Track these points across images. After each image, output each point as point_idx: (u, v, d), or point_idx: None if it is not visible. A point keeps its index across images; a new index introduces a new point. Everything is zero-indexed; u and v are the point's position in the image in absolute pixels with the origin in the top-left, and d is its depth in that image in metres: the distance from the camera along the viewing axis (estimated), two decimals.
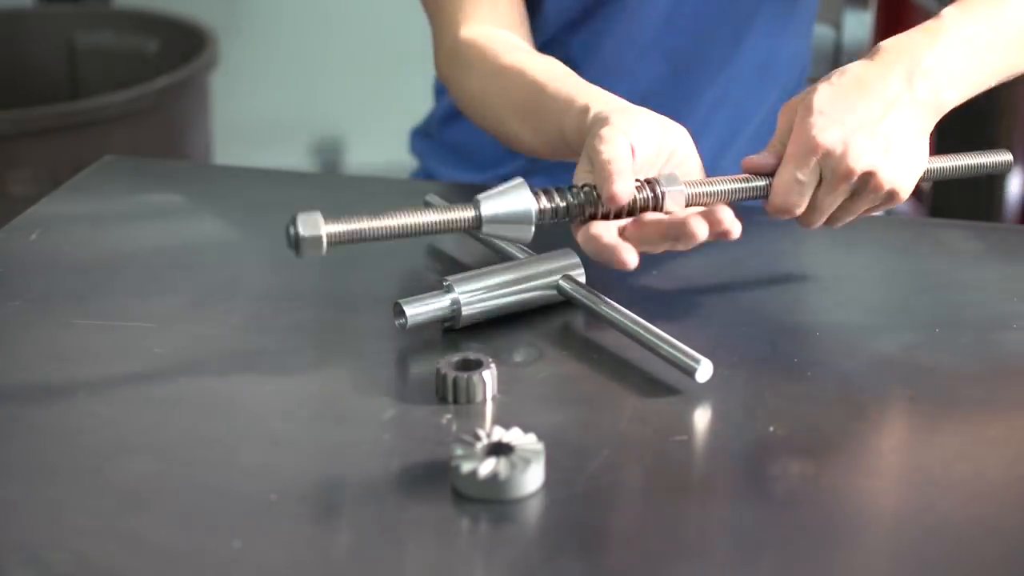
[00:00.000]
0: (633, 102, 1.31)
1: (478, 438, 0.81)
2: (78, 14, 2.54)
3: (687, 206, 0.96)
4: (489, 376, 0.89)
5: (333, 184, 1.51)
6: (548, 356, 0.96)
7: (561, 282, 0.99)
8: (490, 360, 0.90)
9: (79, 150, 2.04)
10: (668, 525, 0.79)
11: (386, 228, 0.89)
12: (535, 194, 0.93)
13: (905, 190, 0.98)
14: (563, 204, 0.94)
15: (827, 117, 0.95)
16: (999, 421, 0.91)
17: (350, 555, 0.76)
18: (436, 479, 0.81)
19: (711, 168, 1.34)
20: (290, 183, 1.29)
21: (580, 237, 0.93)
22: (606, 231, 0.92)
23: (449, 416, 0.88)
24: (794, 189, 0.96)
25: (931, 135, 1.00)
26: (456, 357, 0.90)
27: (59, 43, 2.51)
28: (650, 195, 0.95)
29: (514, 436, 0.82)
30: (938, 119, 1.00)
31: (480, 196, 0.92)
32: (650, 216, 0.93)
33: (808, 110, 0.95)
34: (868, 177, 0.95)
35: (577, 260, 1.01)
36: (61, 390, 0.91)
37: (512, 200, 0.92)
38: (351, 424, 0.87)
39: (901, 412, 0.92)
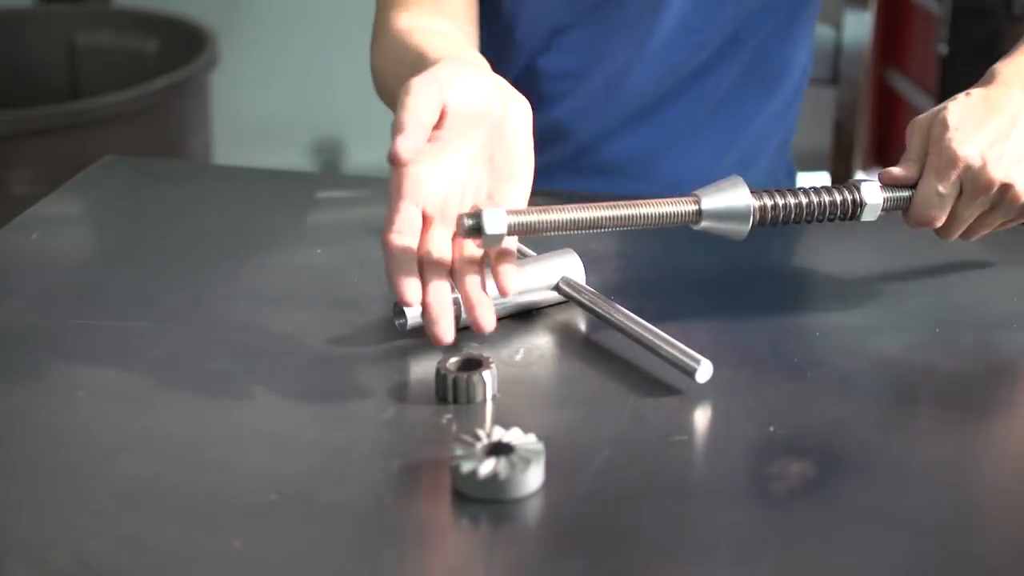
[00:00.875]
0: (631, 107, 1.31)
1: (478, 438, 0.81)
2: (78, 14, 2.54)
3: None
4: (489, 376, 0.89)
5: (333, 184, 1.51)
6: (548, 356, 0.96)
7: (561, 283, 0.99)
8: (490, 360, 0.90)
9: (79, 150, 2.04)
10: (668, 525, 0.79)
11: (606, 218, 0.91)
12: (755, 193, 0.96)
13: None
14: (782, 202, 0.97)
15: (963, 132, 0.97)
16: (999, 421, 0.91)
17: (350, 555, 0.76)
18: (436, 479, 0.81)
19: (709, 172, 1.34)
20: (290, 183, 1.29)
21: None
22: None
23: (449, 416, 0.88)
24: (935, 202, 0.99)
25: None
26: (456, 357, 0.90)
27: (59, 43, 2.52)
28: (849, 198, 0.99)
29: (514, 436, 0.82)
30: None
31: (699, 191, 0.94)
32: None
33: (944, 126, 0.98)
34: (1006, 189, 0.98)
35: (577, 260, 1.01)
36: (61, 390, 0.91)
37: (731, 196, 0.94)
38: (351, 424, 0.87)
39: (901, 412, 0.92)
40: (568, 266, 1.00)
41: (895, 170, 1.01)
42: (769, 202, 0.97)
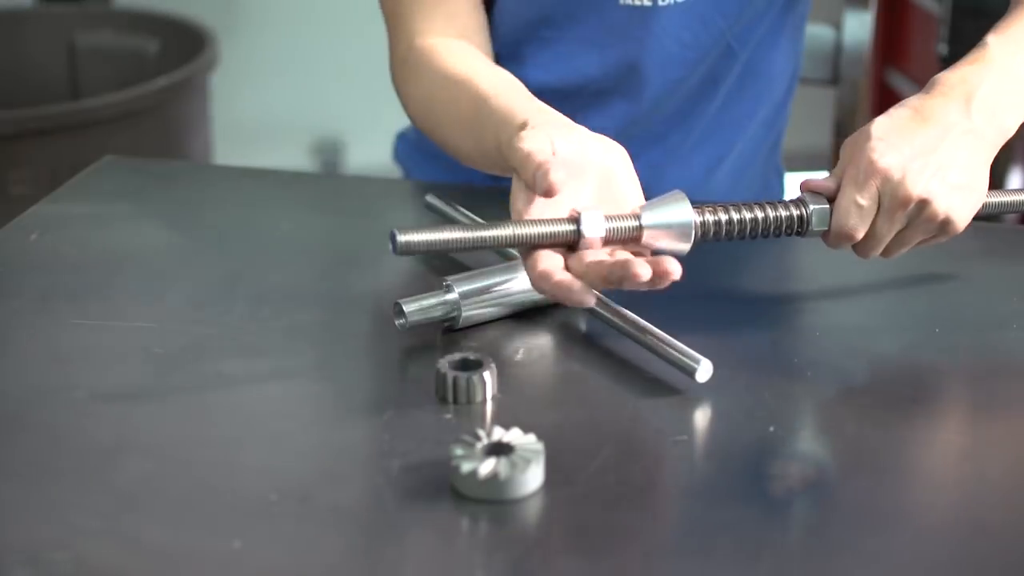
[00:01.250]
0: (631, 124, 1.30)
1: (478, 438, 0.81)
2: (78, 14, 2.54)
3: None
4: (489, 376, 0.89)
5: (333, 184, 1.51)
6: (548, 356, 0.96)
7: None
8: (490, 360, 0.90)
9: (79, 150, 2.04)
10: (668, 525, 0.79)
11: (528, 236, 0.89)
12: (697, 209, 0.93)
13: (961, 220, 0.96)
14: (726, 218, 0.94)
15: (885, 143, 0.94)
16: (999, 421, 0.91)
17: (350, 555, 0.76)
18: (436, 479, 0.81)
19: (704, 183, 1.34)
20: (290, 183, 1.29)
21: (531, 276, 0.89)
22: (556, 267, 0.88)
23: (449, 416, 0.88)
24: (854, 213, 0.95)
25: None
26: (456, 357, 0.90)
27: (59, 43, 2.51)
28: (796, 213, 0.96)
29: (514, 436, 0.82)
30: (999, 148, 0.99)
31: (640, 207, 0.91)
32: (592, 255, 0.89)
33: (867, 137, 0.95)
34: (924, 204, 0.95)
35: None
36: (61, 390, 0.91)
37: (673, 211, 0.91)
38: (351, 424, 0.87)
39: (901, 412, 0.92)
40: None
41: (816, 180, 0.98)
42: (711, 218, 0.94)
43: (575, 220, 0.89)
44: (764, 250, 1.12)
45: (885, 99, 2.94)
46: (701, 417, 0.89)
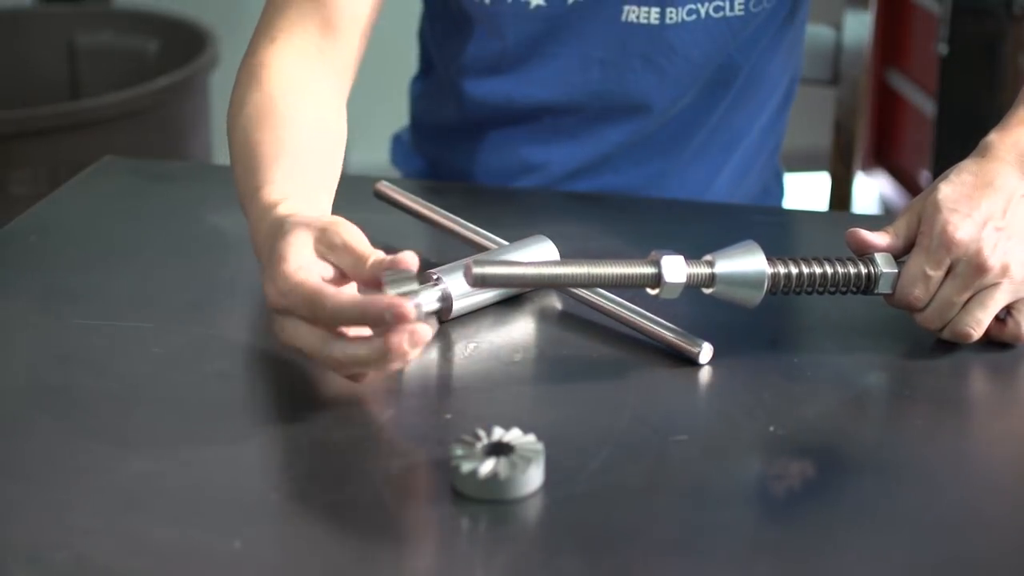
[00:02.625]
0: (634, 137, 1.29)
1: (478, 438, 0.81)
2: (78, 14, 2.54)
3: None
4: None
5: None
6: (548, 356, 0.96)
7: None
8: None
9: (79, 150, 2.04)
10: (668, 525, 0.79)
11: (596, 276, 0.90)
12: (769, 260, 0.94)
13: None
14: (796, 272, 0.95)
15: (958, 215, 0.94)
16: (999, 421, 0.91)
17: (350, 555, 0.76)
18: (436, 479, 0.81)
19: (704, 191, 1.34)
20: None
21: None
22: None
23: (449, 416, 0.88)
24: (920, 282, 0.95)
25: (935, 140, 0.99)
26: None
27: (59, 43, 2.51)
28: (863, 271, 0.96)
29: (514, 436, 0.82)
30: None
31: (713, 255, 0.93)
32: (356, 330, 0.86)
33: (937, 207, 0.95)
34: (1003, 271, 0.94)
35: (551, 245, 1.01)
36: (61, 390, 0.91)
37: (746, 262, 0.93)
38: (351, 424, 0.87)
39: (901, 412, 0.92)
40: (544, 251, 1.00)
41: (875, 235, 0.97)
42: (783, 271, 0.95)
43: (656, 263, 0.91)
44: (764, 249, 1.12)
45: (885, 99, 2.94)
46: (701, 417, 0.89)
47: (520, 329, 0.99)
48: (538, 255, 1.01)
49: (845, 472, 0.84)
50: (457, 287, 0.96)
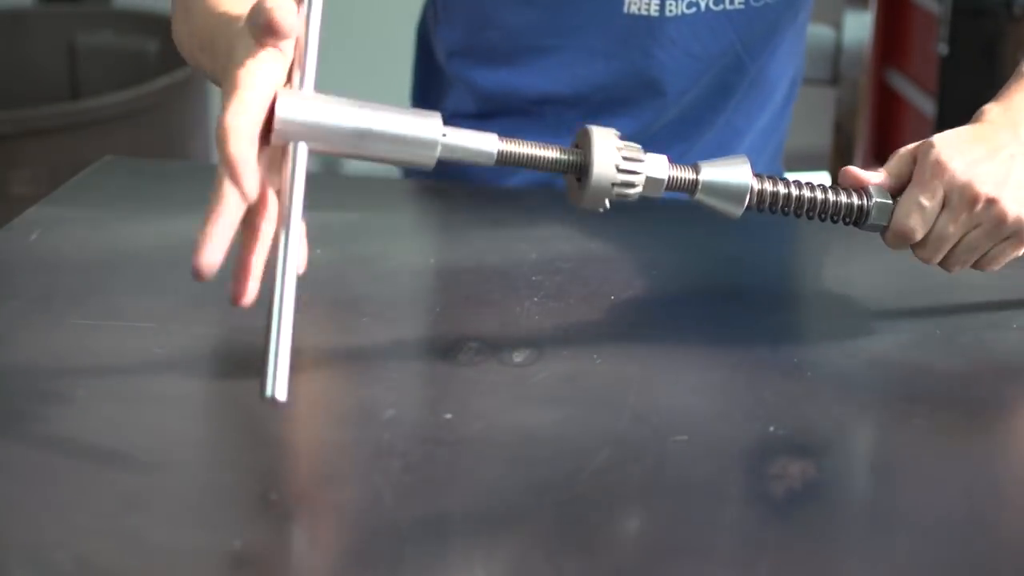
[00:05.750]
0: (637, 133, 1.27)
1: None
2: (78, 14, 2.54)
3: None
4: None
5: (333, 184, 1.50)
6: (548, 356, 0.96)
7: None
8: None
9: (79, 150, 2.04)
10: (668, 525, 0.79)
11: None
12: (757, 176, 0.94)
13: None
14: (784, 192, 0.94)
15: (951, 150, 0.95)
16: (999, 421, 0.91)
17: (350, 555, 0.76)
18: (435, 479, 0.81)
19: None
20: None
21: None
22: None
23: (449, 416, 0.88)
24: (915, 212, 0.95)
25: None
26: None
27: (59, 43, 2.52)
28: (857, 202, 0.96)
29: None
30: None
31: (701, 163, 0.92)
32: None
33: (930, 145, 0.96)
34: (991, 203, 0.95)
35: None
36: (61, 390, 0.91)
37: (731, 172, 0.92)
38: (351, 424, 0.88)
39: (901, 412, 0.92)
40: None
41: (869, 174, 0.98)
42: (769, 188, 0.94)
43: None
44: (765, 249, 1.12)
45: (885, 99, 2.94)
46: (701, 417, 0.89)
47: (521, 329, 0.99)
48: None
49: (845, 472, 0.84)
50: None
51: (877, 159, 2.98)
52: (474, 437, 0.86)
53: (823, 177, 1.77)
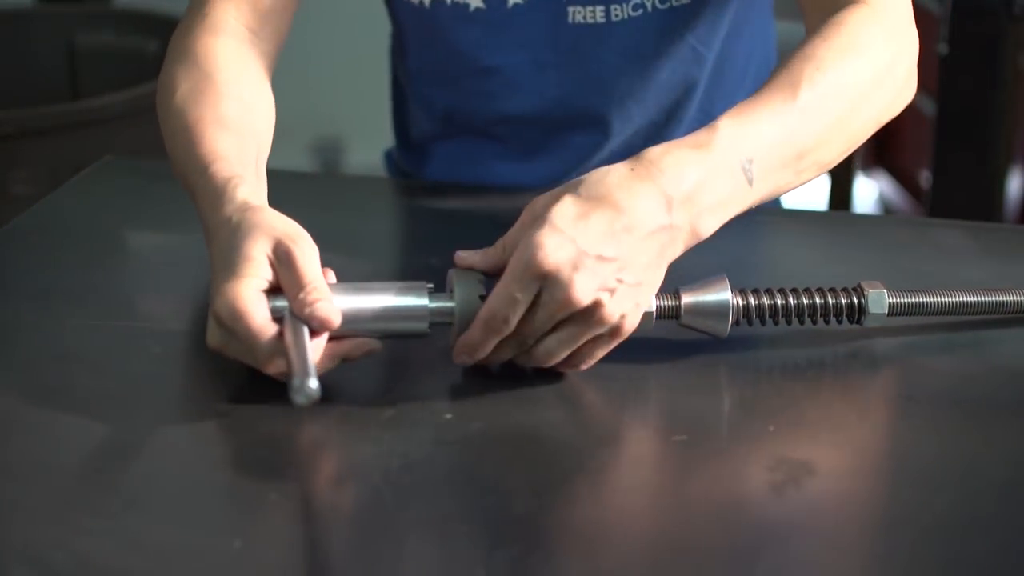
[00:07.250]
0: (607, 139, 1.26)
1: None
2: (78, 14, 2.54)
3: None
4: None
5: (333, 184, 1.51)
6: None
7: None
8: None
9: (79, 150, 2.04)
10: (668, 525, 0.79)
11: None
12: (735, 292, 0.94)
13: (628, 327, 0.88)
14: (767, 303, 0.95)
15: (561, 236, 0.85)
16: (999, 421, 0.91)
17: (350, 555, 0.76)
18: (436, 479, 0.81)
19: None
20: (290, 183, 1.29)
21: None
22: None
23: (449, 416, 0.88)
24: (509, 304, 0.86)
25: (925, 142, 0.98)
26: None
27: (59, 43, 2.51)
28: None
29: None
30: (691, 246, 0.91)
31: (682, 288, 0.93)
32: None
33: (542, 221, 0.86)
34: (593, 308, 0.86)
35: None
36: (61, 390, 0.91)
37: (711, 292, 0.93)
38: (351, 424, 0.87)
39: (900, 412, 0.92)
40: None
41: (470, 254, 0.91)
42: (754, 302, 0.95)
43: None
44: (765, 249, 1.12)
45: None
46: (701, 417, 0.89)
47: None
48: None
49: (845, 472, 0.84)
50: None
51: (877, 159, 2.98)
52: (474, 437, 0.86)
53: (823, 178, 1.76)
